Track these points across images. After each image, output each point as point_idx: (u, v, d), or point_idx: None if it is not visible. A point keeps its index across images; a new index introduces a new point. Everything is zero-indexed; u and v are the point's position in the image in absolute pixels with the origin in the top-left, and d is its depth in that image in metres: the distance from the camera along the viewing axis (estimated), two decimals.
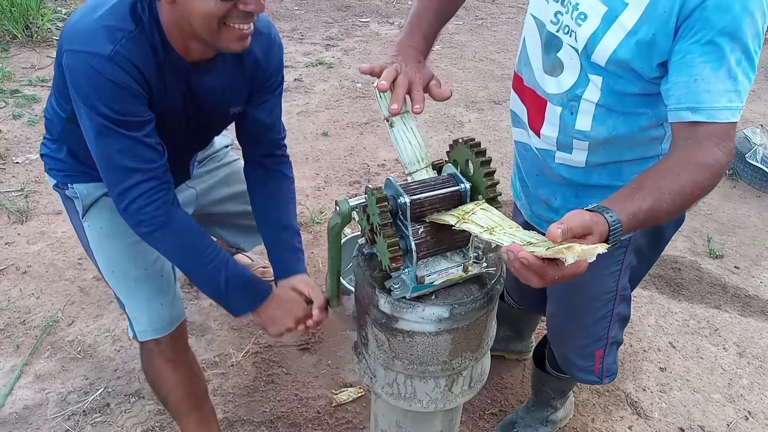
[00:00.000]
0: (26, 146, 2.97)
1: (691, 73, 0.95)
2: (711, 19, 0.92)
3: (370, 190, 1.02)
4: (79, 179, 1.39)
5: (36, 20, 4.05)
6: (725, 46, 0.93)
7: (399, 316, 1.07)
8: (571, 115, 1.15)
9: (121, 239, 1.39)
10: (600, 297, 1.39)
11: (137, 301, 1.42)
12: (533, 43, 1.19)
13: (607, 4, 1.02)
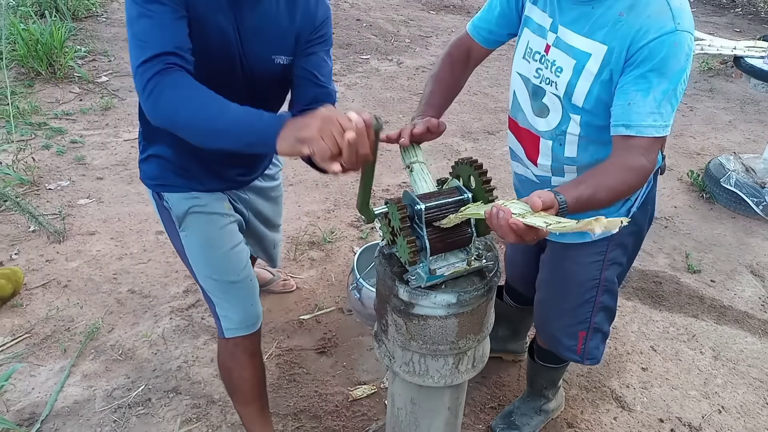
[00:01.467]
0: (56, 174, 3.22)
1: (627, 99, 1.23)
2: (645, 59, 1.21)
3: (391, 201, 1.28)
4: (169, 189, 1.52)
5: (59, 58, 4.32)
6: (653, 79, 1.21)
7: (415, 303, 1.31)
8: (560, 146, 1.44)
9: (217, 248, 1.52)
10: (584, 283, 1.62)
11: (230, 302, 1.56)
12: (522, 93, 1.48)
13: (575, 57, 1.31)
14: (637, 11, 1.23)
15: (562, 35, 1.33)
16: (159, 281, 2.52)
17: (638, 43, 1.21)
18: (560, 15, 1.34)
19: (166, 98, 1.15)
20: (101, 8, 5.64)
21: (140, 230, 2.81)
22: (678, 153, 4.06)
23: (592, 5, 1.28)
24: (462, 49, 1.58)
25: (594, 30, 1.28)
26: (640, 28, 1.21)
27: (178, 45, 1.19)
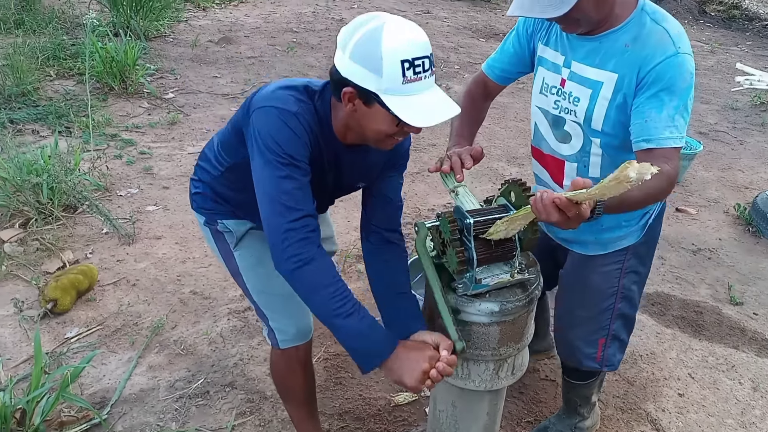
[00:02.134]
0: (127, 182, 3.47)
1: (644, 117, 1.37)
2: (655, 81, 1.36)
3: (443, 214, 1.41)
4: (227, 217, 1.64)
5: (131, 75, 4.65)
6: (665, 97, 1.36)
7: (461, 309, 1.43)
8: (584, 167, 1.58)
9: (269, 265, 1.50)
10: (604, 291, 1.73)
11: (285, 315, 1.65)
12: (543, 124, 1.63)
13: (590, 86, 1.47)
14: (642, 41, 1.39)
15: (575, 69, 1.49)
16: (218, 285, 2.70)
17: (646, 67, 1.37)
18: (572, 52, 1.50)
19: (307, 275, 1.31)
20: (169, 29, 6.02)
21: (202, 237, 3.00)
22: (725, 186, 4.06)
23: (600, 41, 1.45)
24: (480, 85, 1.76)
25: (604, 61, 1.44)
26: (646, 55, 1.37)
27: (311, 204, 1.36)
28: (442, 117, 1.27)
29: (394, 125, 1.29)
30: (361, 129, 1.35)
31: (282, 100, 1.35)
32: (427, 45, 1.26)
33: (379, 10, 7.06)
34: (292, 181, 1.32)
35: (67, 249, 2.83)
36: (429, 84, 1.28)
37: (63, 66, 4.80)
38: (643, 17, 1.42)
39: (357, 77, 1.24)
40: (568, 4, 1.29)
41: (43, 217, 2.94)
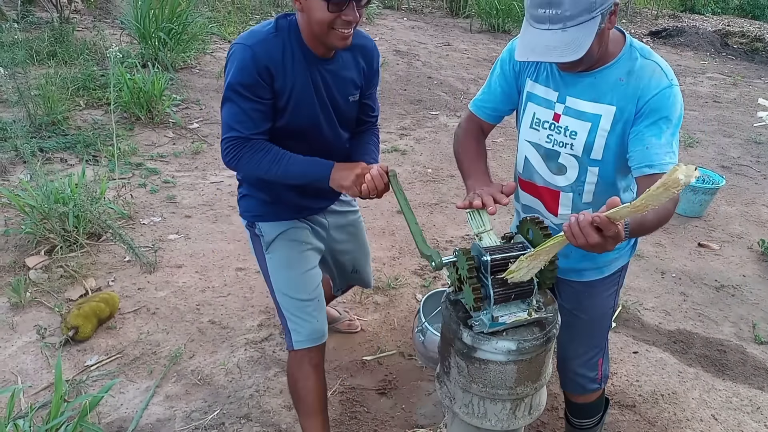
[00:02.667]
0: (150, 210, 3.54)
1: (644, 144, 1.44)
2: (653, 111, 1.44)
3: (460, 250, 1.42)
4: (264, 219, 1.85)
5: (157, 105, 4.76)
6: (662, 125, 1.43)
7: (477, 347, 1.42)
8: (579, 195, 1.62)
9: (294, 269, 1.84)
10: (606, 313, 1.80)
11: (301, 317, 1.84)
12: (534, 158, 1.65)
13: (589, 120, 1.52)
14: (636, 75, 1.46)
15: (571, 104, 1.54)
16: (237, 314, 2.72)
17: (645, 98, 1.45)
18: (566, 88, 1.54)
19: (243, 164, 1.66)
20: (195, 61, 6.17)
21: (222, 266, 3.05)
22: (749, 221, 4.00)
23: (594, 76, 1.50)
24: (474, 124, 1.79)
25: (600, 95, 1.50)
26: (644, 87, 1.45)
27: (254, 129, 1.63)
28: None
29: (326, 10, 1.50)
30: (310, 27, 1.57)
31: (247, 35, 1.60)
32: None
33: (400, 43, 7.19)
34: (235, 105, 1.60)
35: (90, 276, 2.88)
36: None
37: (92, 96, 4.94)
38: (633, 53, 1.49)
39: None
40: (584, 48, 1.34)
41: (68, 245, 3.00)
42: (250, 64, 1.56)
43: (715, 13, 13.37)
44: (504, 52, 1.70)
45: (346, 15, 1.52)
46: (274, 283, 1.87)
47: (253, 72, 1.57)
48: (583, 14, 1.32)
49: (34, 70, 5.17)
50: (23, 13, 6.36)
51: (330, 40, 1.58)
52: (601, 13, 1.33)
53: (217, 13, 7.87)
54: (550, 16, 1.34)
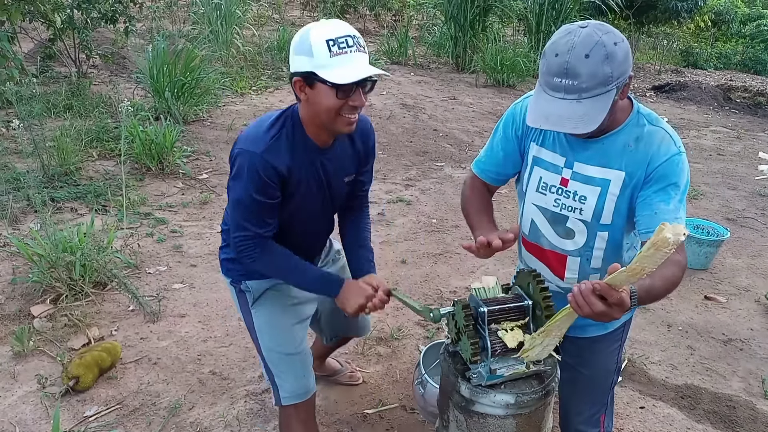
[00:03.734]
0: (156, 260, 3.57)
1: (653, 209, 1.45)
2: (662, 177, 1.46)
3: (458, 302, 1.43)
4: (250, 277, 1.86)
5: (168, 156, 4.86)
6: (671, 191, 1.46)
7: (476, 400, 1.41)
8: (587, 261, 1.62)
9: (279, 322, 1.85)
10: (609, 369, 1.79)
11: (286, 373, 1.84)
12: (541, 221, 1.65)
13: (598, 185, 1.53)
14: (645, 141, 1.49)
15: (579, 170, 1.55)
16: (238, 365, 2.71)
17: (654, 164, 1.47)
18: (574, 153, 1.55)
19: (259, 265, 1.74)
20: (207, 114, 6.33)
21: (225, 315, 3.05)
22: (756, 273, 3.97)
23: (602, 142, 1.52)
24: (479, 182, 1.81)
25: (609, 161, 1.51)
26: (653, 153, 1.48)
27: (265, 227, 1.69)
28: (367, 73, 1.51)
29: (335, 97, 1.52)
30: (317, 116, 1.59)
31: (251, 141, 1.62)
32: (349, 28, 1.53)
33: (406, 97, 7.35)
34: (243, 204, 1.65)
35: (93, 325, 2.88)
36: (357, 58, 1.52)
37: (105, 147, 5.06)
38: (641, 120, 1.52)
39: (297, 65, 1.53)
40: (597, 121, 1.35)
41: (74, 294, 3.02)
42: (260, 173, 1.60)
43: (717, 68, 13.63)
44: (506, 114, 1.71)
45: (353, 101, 1.55)
46: (259, 337, 1.88)
47: (264, 179, 1.61)
48: (598, 87, 1.33)
49: (50, 122, 5.32)
50: (43, 67, 6.59)
51: (336, 126, 1.60)
52: (616, 86, 1.35)
53: (230, 69, 8.11)
54: (566, 86, 1.34)
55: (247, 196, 1.63)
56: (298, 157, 1.67)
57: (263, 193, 1.63)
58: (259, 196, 1.63)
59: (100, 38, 8.03)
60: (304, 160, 1.68)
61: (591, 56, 1.31)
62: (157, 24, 9.03)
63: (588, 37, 1.32)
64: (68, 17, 6.14)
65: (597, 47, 1.31)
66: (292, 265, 1.74)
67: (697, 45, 13.73)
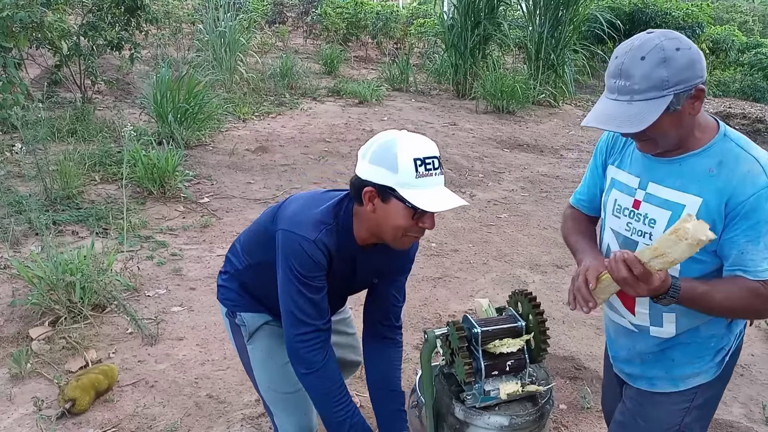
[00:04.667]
0: (156, 282, 3.58)
1: (740, 249, 1.34)
2: (749, 213, 1.33)
3: (451, 323, 1.44)
4: (246, 309, 1.81)
5: (170, 180, 4.90)
6: (761, 229, 1.32)
7: (470, 422, 1.41)
8: None
9: (277, 361, 1.78)
10: (665, 427, 1.57)
11: (286, 412, 1.79)
12: (614, 246, 1.56)
13: (670, 208, 1.42)
14: (729, 167, 1.35)
15: (652, 191, 1.46)
16: (235, 388, 2.69)
17: (738, 197, 1.33)
18: (648, 174, 1.47)
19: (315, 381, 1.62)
20: (210, 139, 6.41)
21: (223, 339, 3.05)
22: None
23: (680, 163, 1.42)
24: (577, 215, 1.76)
25: (686, 185, 1.40)
26: (737, 184, 1.34)
27: (325, 320, 1.61)
28: (452, 204, 1.44)
29: (410, 218, 1.45)
30: (379, 228, 1.51)
31: (304, 226, 1.54)
32: (435, 149, 1.47)
33: (407, 123, 7.44)
34: (304, 297, 1.56)
35: (91, 348, 2.88)
36: (439, 181, 1.47)
37: (108, 171, 5.11)
38: (727, 143, 1.39)
39: (376, 177, 1.44)
40: (647, 122, 1.29)
41: (73, 316, 3.03)
42: (315, 258, 1.54)
43: (716, 95, 13.75)
44: (600, 139, 1.65)
45: (424, 223, 1.48)
46: (257, 376, 1.83)
47: (318, 264, 1.56)
48: (652, 90, 1.28)
49: (54, 146, 5.38)
50: (49, 93, 6.69)
51: (399, 243, 1.54)
52: (675, 93, 1.28)
53: (233, 95, 8.22)
54: (619, 87, 1.32)
55: (301, 284, 1.56)
56: (343, 253, 1.60)
57: (318, 280, 1.57)
58: (314, 282, 1.56)
59: (105, 65, 8.16)
60: (346, 258, 1.62)
61: (647, 58, 1.28)
62: (162, 51, 9.18)
63: (648, 41, 1.29)
64: (75, 44, 6.26)
65: (654, 50, 1.27)
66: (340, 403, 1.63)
67: None
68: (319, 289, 1.58)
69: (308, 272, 1.54)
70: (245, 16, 9.76)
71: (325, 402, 1.63)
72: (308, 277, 1.55)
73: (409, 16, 14.39)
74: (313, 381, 1.62)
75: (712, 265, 1.42)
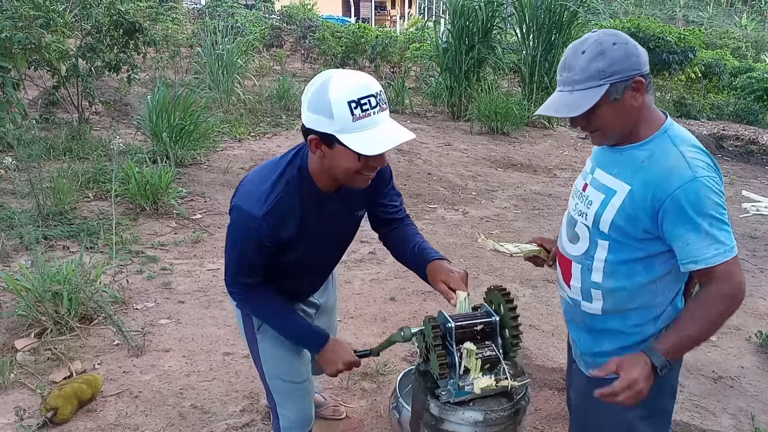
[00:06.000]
0: (144, 296, 3.57)
1: (684, 241, 1.41)
2: (679, 206, 1.39)
3: (426, 318, 1.44)
4: None
5: (163, 197, 4.92)
6: (696, 218, 1.38)
7: (445, 418, 1.41)
8: (588, 271, 1.59)
9: (284, 352, 1.81)
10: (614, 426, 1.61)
11: (290, 402, 1.82)
12: (564, 225, 1.70)
13: (604, 192, 1.54)
14: (657, 161, 1.45)
15: (597, 175, 1.59)
16: (220, 399, 2.67)
17: (665, 190, 1.41)
18: (598, 160, 1.61)
19: (247, 308, 1.78)
20: (205, 158, 6.44)
21: (210, 350, 3.03)
22: (746, 313, 3.95)
23: (621, 152, 1.53)
24: None
25: (621, 172, 1.51)
26: (662, 178, 1.42)
27: (254, 277, 1.68)
28: (393, 143, 1.42)
29: (357, 161, 1.44)
30: (332, 171, 1.51)
31: (254, 199, 1.54)
32: (369, 86, 1.41)
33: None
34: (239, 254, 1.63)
35: (76, 359, 2.86)
36: (379, 119, 1.43)
37: (101, 188, 5.13)
38: (664, 139, 1.48)
39: (315, 124, 1.42)
40: (582, 108, 1.41)
41: (59, 328, 3.02)
42: (256, 237, 1.56)
43: (710, 118, 13.88)
44: None
45: (374, 161, 1.48)
46: (264, 365, 1.84)
47: (260, 242, 1.57)
48: (589, 81, 1.40)
49: (48, 164, 5.41)
50: (45, 114, 6.75)
51: (353, 183, 1.55)
52: (611, 83, 1.40)
53: (230, 115, 8.30)
54: (564, 79, 1.45)
55: (236, 252, 1.62)
56: (306, 211, 1.60)
57: (257, 254, 1.60)
58: (252, 255, 1.60)
59: (103, 86, 8.25)
60: (312, 212, 1.62)
61: (586, 52, 1.40)
62: (159, 73, 9.29)
63: (590, 37, 1.43)
64: (73, 65, 6.33)
65: (593, 44, 1.40)
66: (276, 311, 1.71)
67: (689, 96, 14.01)
68: (258, 254, 1.60)
69: (247, 244, 1.58)
70: (243, 40, 9.89)
71: (263, 317, 1.75)
72: (251, 249, 1.58)
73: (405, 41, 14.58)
74: (247, 309, 1.77)
75: (639, 252, 1.50)
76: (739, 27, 31.77)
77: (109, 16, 6.56)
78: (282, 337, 1.79)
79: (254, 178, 1.60)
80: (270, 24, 14.96)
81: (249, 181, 1.61)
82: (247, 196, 1.57)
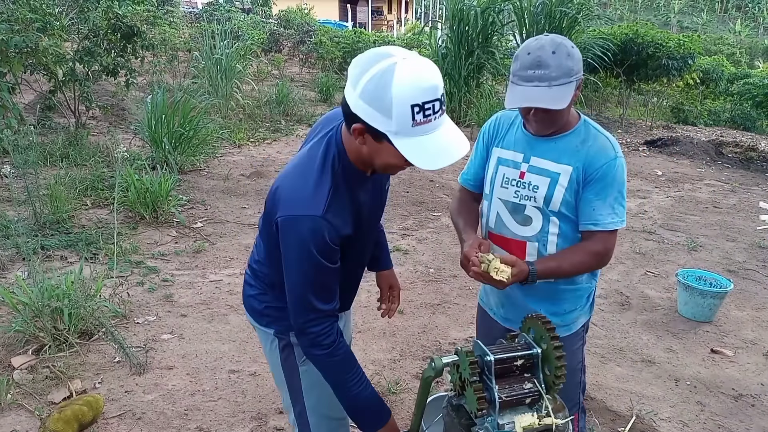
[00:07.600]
0: (145, 309, 3.46)
1: (591, 206, 1.74)
2: (600, 178, 1.73)
3: (462, 350, 1.34)
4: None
5: (163, 205, 4.81)
6: (607, 189, 1.73)
7: None
8: (543, 246, 1.82)
9: (329, 387, 1.56)
10: (574, 367, 1.88)
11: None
12: (504, 213, 1.87)
13: (549, 176, 1.78)
14: (589, 144, 1.76)
15: (534, 163, 1.80)
16: (226, 420, 2.56)
17: (594, 166, 1.73)
18: (531, 150, 1.82)
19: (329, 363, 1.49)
20: (204, 164, 6.34)
21: (215, 368, 2.92)
22: (761, 326, 3.88)
23: (556, 141, 1.78)
24: (464, 195, 2.04)
25: (560, 157, 1.77)
26: (593, 155, 1.74)
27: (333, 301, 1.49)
28: (450, 160, 1.30)
29: (403, 160, 1.32)
30: (370, 159, 1.40)
31: (304, 202, 1.39)
32: (437, 87, 1.27)
33: None
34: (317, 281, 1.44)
35: (76, 378, 2.75)
36: (440, 122, 1.30)
37: (99, 196, 5.02)
38: (588, 126, 1.80)
39: (368, 117, 1.27)
40: (565, 102, 1.64)
41: (57, 344, 2.90)
42: (325, 237, 1.39)
43: (707, 124, 13.87)
44: (481, 130, 1.97)
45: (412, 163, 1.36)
46: (307, 400, 1.66)
47: (329, 242, 1.40)
48: (564, 77, 1.63)
49: (45, 171, 5.29)
50: (42, 119, 6.62)
51: (388, 172, 1.48)
52: (576, 80, 1.66)
53: (229, 121, 8.19)
54: (539, 76, 1.63)
55: (308, 273, 1.41)
56: (356, 197, 1.48)
57: (329, 265, 1.42)
58: (326, 267, 1.41)
59: (100, 90, 8.14)
60: (361, 197, 1.50)
61: (557, 53, 1.62)
62: (158, 78, 9.17)
63: (551, 40, 1.65)
64: (70, 69, 6.22)
65: (561, 46, 1.64)
66: (359, 375, 1.51)
67: (686, 102, 13.99)
68: (331, 269, 1.43)
69: (321, 252, 1.39)
70: (241, 45, 9.79)
71: (337, 380, 1.51)
72: (323, 257, 1.40)
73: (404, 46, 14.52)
74: (328, 363, 1.49)
75: (568, 221, 1.79)
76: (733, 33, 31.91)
77: (107, 19, 6.45)
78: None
79: (293, 184, 1.44)
80: (269, 28, 14.87)
81: (289, 189, 1.44)
82: (296, 202, 1.40)
